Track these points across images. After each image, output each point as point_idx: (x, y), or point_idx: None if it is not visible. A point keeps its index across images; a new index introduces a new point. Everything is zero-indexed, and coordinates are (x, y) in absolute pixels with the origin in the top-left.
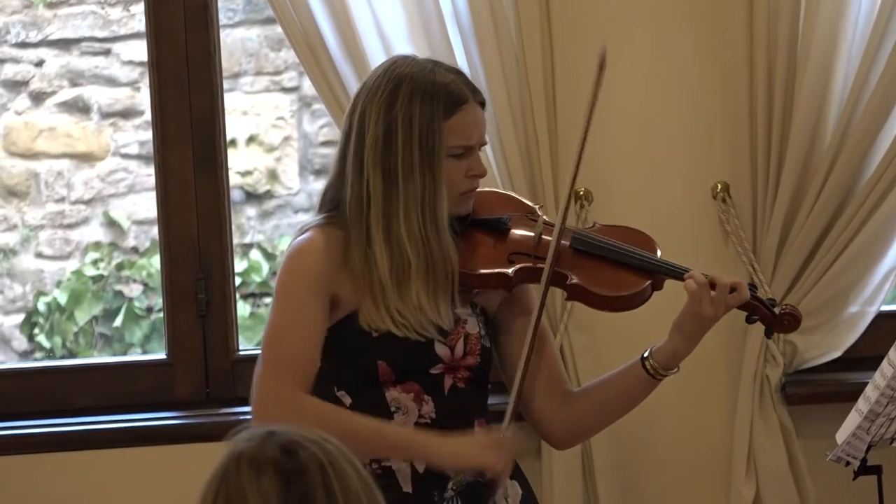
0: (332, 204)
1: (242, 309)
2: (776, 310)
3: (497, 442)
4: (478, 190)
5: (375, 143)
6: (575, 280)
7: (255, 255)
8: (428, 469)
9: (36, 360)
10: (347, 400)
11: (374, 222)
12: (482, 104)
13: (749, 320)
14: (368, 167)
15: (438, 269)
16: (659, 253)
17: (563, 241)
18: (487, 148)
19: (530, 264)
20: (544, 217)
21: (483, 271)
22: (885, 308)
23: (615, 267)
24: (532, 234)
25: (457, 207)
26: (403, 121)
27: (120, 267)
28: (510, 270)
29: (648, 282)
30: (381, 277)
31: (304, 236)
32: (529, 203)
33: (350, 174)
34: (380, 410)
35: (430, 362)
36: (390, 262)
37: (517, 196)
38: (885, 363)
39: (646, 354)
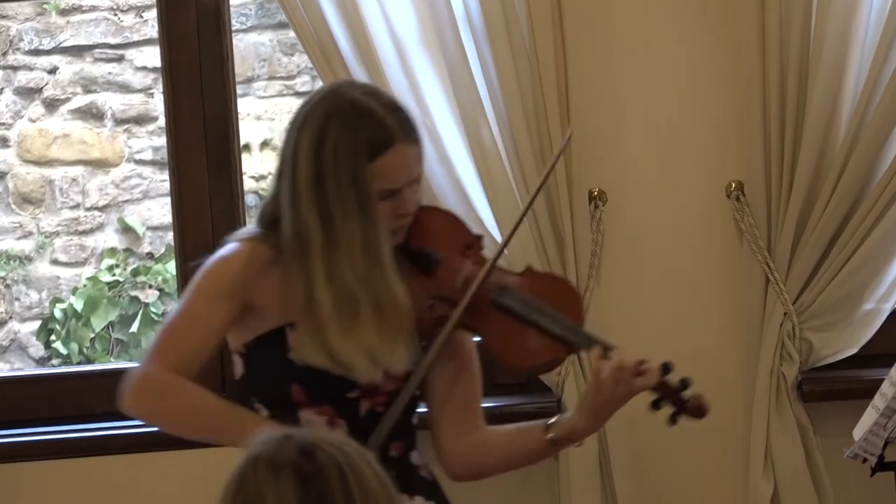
0: (269, 219)
1: None
2: (685, 394)
3: None
4: (425, 207)
5: (308, 183)
6: (484, 339)
7: None
8: None
9: (53, 366)
10: (264, 412)
11: (314, 262)
12: (416, 141)
13: (654, 405)
14: (303, 205)
15: (389, 311)
16: (583, 307)
17: (487, 292)
18: (501, 150)
19: (446, 314)
20: (483, 251)
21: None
22: None
23: (531, 331)
24: (457, 277)
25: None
26: (331, 163)
27: (135, 272)
28: (427, 318)
29: (561, 352)
30: (323, 317)
31: (231, 245)
32: (472, 233)
33: (285, 206)
34: (291, 423)
35: (347, 388)
36: (334, 303)
37: (462, 222)
38: None
39: (550, 422)
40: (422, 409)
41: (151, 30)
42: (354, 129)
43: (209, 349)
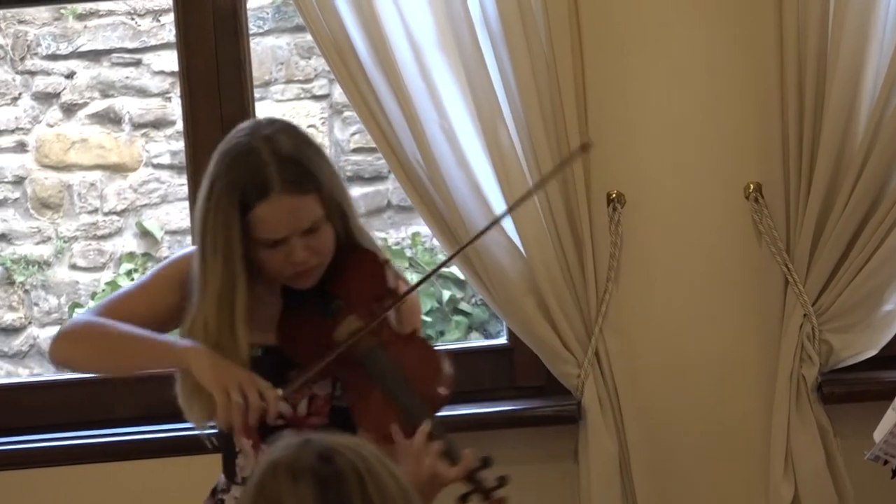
0: None
1: None
2: (495, 494)
3: (246, 385)
4: (357, 249)
5: (196, 225)
6: (344, 395)
7: None
8: None
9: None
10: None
11: (198, 297)
12: (300, 192)
13: (463, 498)
14: (194, 241)
15: (227, 359)
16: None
17: (358, 349)
18: (519, 152)
19: (320, 362)
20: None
21: (301, 357)
22: None
23: (385, 402)
24: (348, 329)
25: (293, 283)
26: (212, 206)
27: None
28: (314, 355)
29: (392, 421)
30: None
31: (189, 250)
32: (388, 286)
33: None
34: (230, 446)
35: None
36: (202, 328)
37: (384, 271)
38: None
39: None
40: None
41: (169, 34)
42: (231, 180)
43: (143, 322)
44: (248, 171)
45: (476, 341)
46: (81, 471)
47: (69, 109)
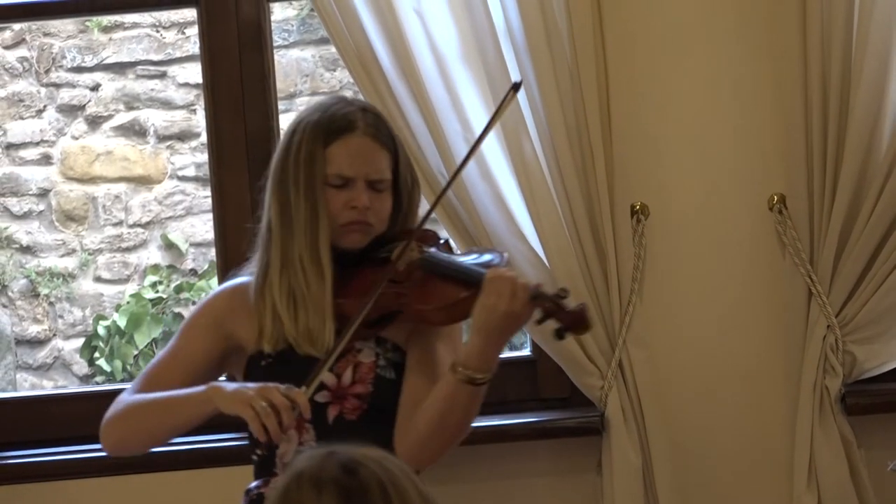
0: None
1: None
2: (568, 308)
3: (266, 390)
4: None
5: (275, 175)
6: (402, 308)
7: None
8: None
9: (97, 383)
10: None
11: (273, 250)
12: (381, 142)
13: (540, 322)
14: (270, 198)
15: (315, 295)
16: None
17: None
18: (543, 164)
19: (400, 291)
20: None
21: (359, 303)
22: None
23: (448, 283)
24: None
25: (340, 239)
26: (295, 151)
27: (179, 289)
28: (373, 297)
29: (471, 292)
30: (273, 302)
31: (226, 283)
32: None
33: (263, 207)
34: (270, 445)
35: (316, 390)
36: (280, 287)
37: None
38: None
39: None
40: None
41: (193, 46)
42: (318, 118)
43: (191, 377)
44: (335, 113)
45: None
46: (106, 483)
47: (94, 122)
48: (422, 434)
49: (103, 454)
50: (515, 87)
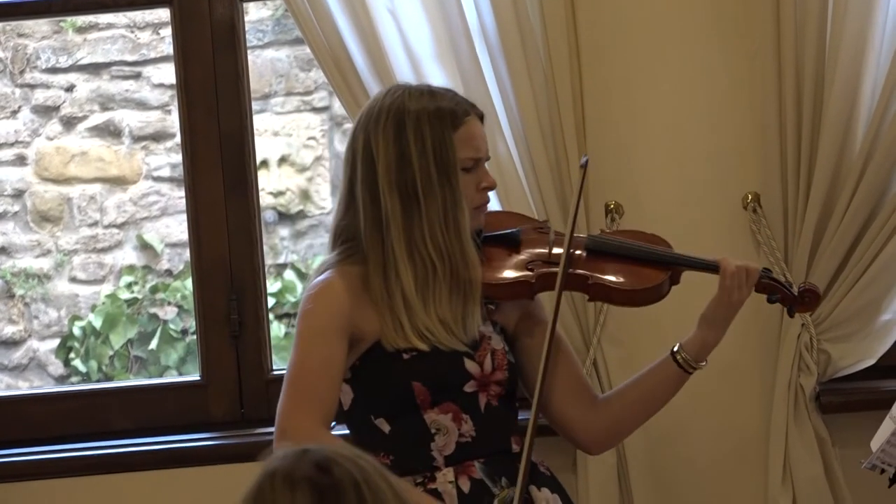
0: (345, 236)
1: (277, 329)
2: (795, 289)
3: None
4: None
5: (389, 166)
6: (594, 279)
7: (289, 275)
8: (473, 488)
9: (72, 384)
10: (386, 427)
11: (395, 242)
12: (481, 118)
13: (771, 300)
14: (384, 191)
15: (463, 280)
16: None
17: (577, 248)
18: (517, 163)
19: (548, 269)
20: (554, 229)
21: (506, 280)
22: None
23: (632, 263)
24: (545, 243)
25: (471, 221)
26: (415, 141)
27: (154, 290)
28: (531, 277)
29: (667, 275)
30: (405, 295)
31: (322, 277)
32: (536, 221)
33: (362, 202)
34: (420, 433)
35: (463, 379)
36: (415, 278)
37: (522, 214)
38: None
39: (676, 349)
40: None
41: (168, 47)
42: (433, 108)
43: (340, 386)
44: (444, 100)
45: None
46: (80, 482)
47: (69, 122)
48: (623, 420)
49: (79, 454)
50: (583, 166)
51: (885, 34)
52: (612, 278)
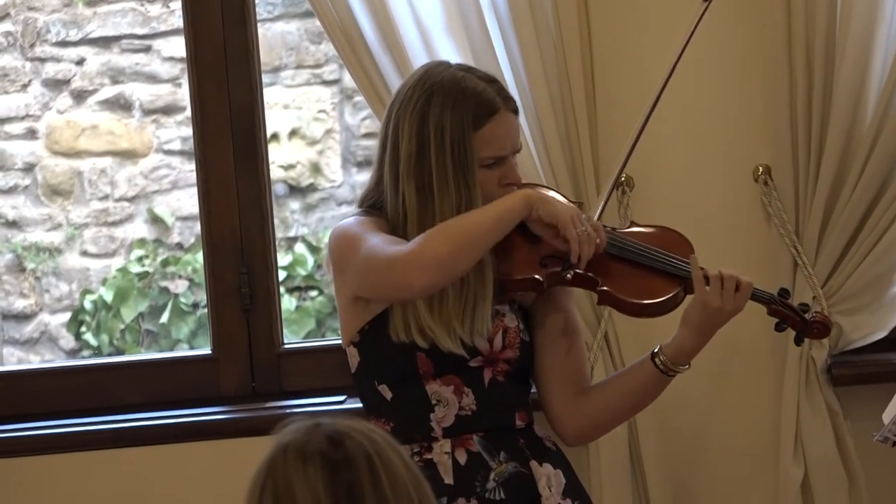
0: (370, 204)
1: (288, 302)
2: (807, 316)
3: (581, 216)
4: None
5: (409, 157)
6: (605, 287)
7: (300, 248)
8: (469, 460)
9: (83, 357)
10: (388, 394)
11: (409, 232)
12: (515, 111)
13: (778, 328)
14: (403, 181)
15: (472, 281)
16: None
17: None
18: (528, 138)
19: (560, 269)
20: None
21: (516, 277)
22: None
23: (647, 273)
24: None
25: None
26: (435, 135)
27: (165, 263)
28: (542, 276)
29: (679, 288)
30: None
31: (349, 219)
32: (571, 200)
33: (388, 187)
34: (421, 403)
35: (470, 354)
36: None
37: (559, 192)
38: None
39: (656, 350)
40: None
41: (178, 20)
42: (459, 100)
43: None
44: (471, 96)
45: None
46: (91, 457)
47: (79, 96)
48: (603, 417)
49: (90, 428)
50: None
51: None
52: (622, 289)
